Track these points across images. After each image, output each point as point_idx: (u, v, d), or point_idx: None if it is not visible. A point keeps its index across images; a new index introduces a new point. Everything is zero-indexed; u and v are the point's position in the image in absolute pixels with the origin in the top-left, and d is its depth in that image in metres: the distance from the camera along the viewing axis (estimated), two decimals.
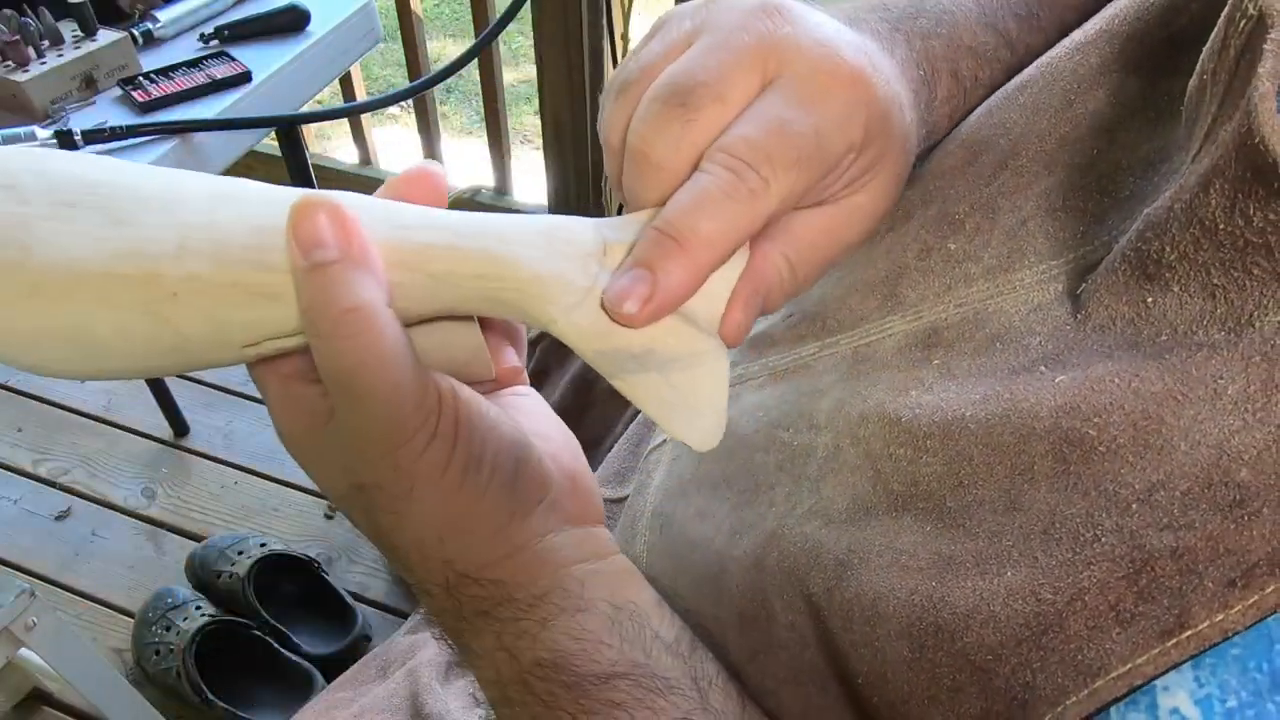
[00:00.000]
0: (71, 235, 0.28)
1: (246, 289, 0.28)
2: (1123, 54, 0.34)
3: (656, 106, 0.29)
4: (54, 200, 0.28)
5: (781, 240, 0.31)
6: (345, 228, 0.27)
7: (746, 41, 0.29)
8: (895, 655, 0.29)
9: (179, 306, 0.28)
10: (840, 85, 0.29)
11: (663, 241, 0.28)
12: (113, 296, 0.28)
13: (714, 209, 0.28)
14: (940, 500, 0.30)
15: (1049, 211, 0.33)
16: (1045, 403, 0.28)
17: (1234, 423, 0.24)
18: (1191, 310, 0.27)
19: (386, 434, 0.29)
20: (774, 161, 0.28)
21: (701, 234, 0.28)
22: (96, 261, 0.28)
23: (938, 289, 0.35)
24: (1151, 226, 0.27)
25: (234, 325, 0.29)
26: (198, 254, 0.28)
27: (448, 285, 0.29)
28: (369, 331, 0.27)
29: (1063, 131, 0.34)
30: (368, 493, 0.30)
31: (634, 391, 0.30)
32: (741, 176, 0.28)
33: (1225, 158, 0.24)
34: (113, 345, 0.28)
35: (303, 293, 0.28)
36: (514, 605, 0.32)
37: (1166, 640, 0.23)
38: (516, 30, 2.65)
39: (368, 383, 0.27)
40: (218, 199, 0.29)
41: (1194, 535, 0.24)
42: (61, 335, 0.28)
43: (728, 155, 0.28)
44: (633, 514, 0.51)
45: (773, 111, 0.29)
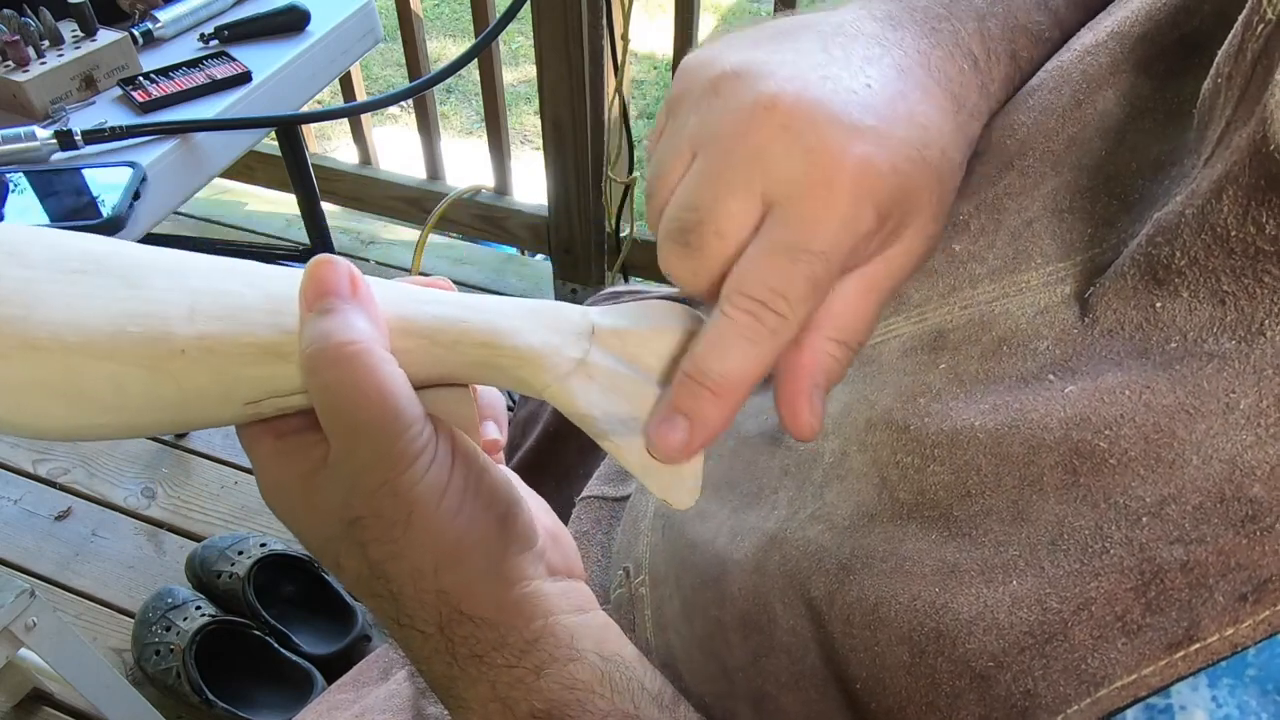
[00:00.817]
0: (78, 296, 0.29)
1: (259, 347, 0.30)
2: (1133, 54, 0.33)
3: (668, 244, 0.31)
4: (61, 268, 0.30)
5: (825, 326, 0.31)
6: (352, 279, 0.30)
7: (738, 164, 0.29)
8: (895, 660, 0.29)
9: (185, 362, 0.30)
10: (840, 190, 0.29)
11: (696, 390, 0.30)
12: (116, 351, 0.29)
13: (738, 353, 0.29)
14: (947, 509, 0.30)
15: (1056, 213, 0.33)
16: (1055, 414, 0.28)
17: (1247, 438, 0.24)
18: (1201, 317, 0.26)
19: (385, 462, 0.29)
20: (789, 295, 0.29)
21: (730, 378, 0.30)
22: (104, 318, 0.29)
23: (942, 290, 0.35)
24: (1162, 231, 0.27)
25: (241, 381, 0.31)
26: (210, 316, 0.30)
27: (454, 353, 0.32)
28: (365, 363, 0.28)
29: (1070, 132, 0.34)
30: (363, 524, 0.30)
31: (619, 452, 0.32)
32: (760, 317, 0.29)
33: (1239, 164, 0.24)
34: (105, 399, 0.30)
35: (306, 338, 0.29)
36: (507, 650, 0.32)
37: (1174, 652, 0.23)
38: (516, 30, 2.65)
39: (365, 414, 0.29)
40: (223, 272, 0.32)
41: (1205, 549, 0.24)
42: (51, 388, 0.29)
43: (745, 296, 0.29)
44: (635, 514, 0.51)
45: (780, 242, 0.29)
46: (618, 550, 0.52)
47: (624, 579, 0.49)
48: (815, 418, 0.31)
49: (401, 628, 0.33)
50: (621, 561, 0.50)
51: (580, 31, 1.30)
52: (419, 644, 0.33)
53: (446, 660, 0.32)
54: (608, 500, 0.60)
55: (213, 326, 0.30)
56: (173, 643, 1.14)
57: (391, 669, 0.63)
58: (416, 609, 0.32)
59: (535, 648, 0.32)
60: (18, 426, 0.30)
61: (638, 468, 0.32)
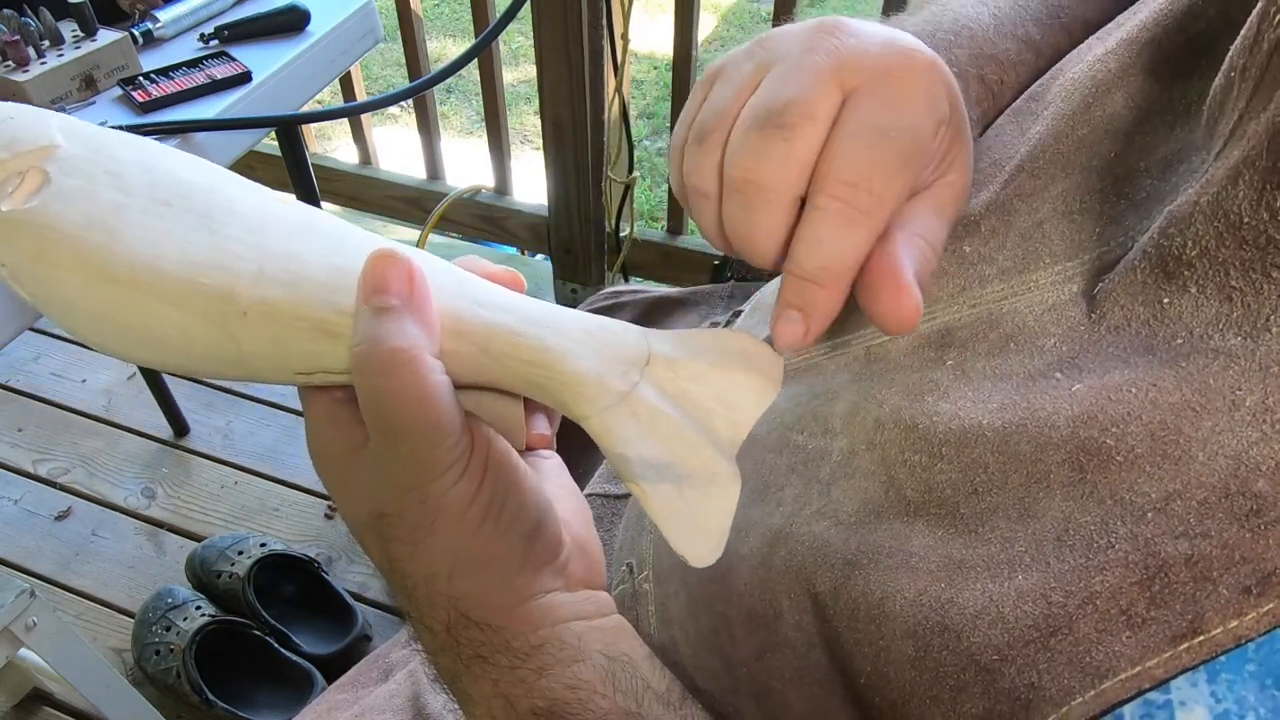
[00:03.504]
0: (160, 233, 0.30)
1: (313, 324, 0.30)
2: (1140, 58, 0.34)
3: (753, 135, 0.30)
4: (152, 196, 0.30)
5: (909, 224, 0.32)
6: (411, 281, 0.30)
7: (819, 61, 0.30)
8: (899, 654, 0.29)
9: (246, 325, 0.30)
10: (918, 76, 0.30)
11: (802, 286, 0.30)
12: (185, 301, 0.29)
13: (837, 241, 0.29)
14: (954, 506, 0.30)
15: (1065, 213, 0.33)
16: (1062, 412, 0.28)
17: (1252, 434, 0.24)
18: (1208, 313, 0.27)
19: (418, 468, 0.30)
20: (882, 174, 0.29)
21: (833, 269, 0.30)
22: (178, 264, 0.29)
23: (951, 290, 0.35)
24: (1175, 222, 0.27)
25: (294, 354, 0.31)
26: (274, 281, 0.30)
27: (500, 364, 0.31)
28: (412, 373, 0.28)
29: (1080, 134, 0.34)
30: (388, 521, 0.31)
31: (646, 498, 0.31)
32: (853, 203, 0.29)
33: (1256, 149, 0.25)
34: (172, 342, 0.30)
35: (357, 334, 0.29)
36: (511, 653, 0.32)
37: (1178, 644, 0.23)
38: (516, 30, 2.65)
39: (406, 422, 0.29)
40: (301, 230, 0.31)
41: (1209, 543, 0.24)
42: (126, 322, 0.29)
43: (838, 182, 0.29)
44: (637, 510, 0.51)
45: (866, 122, 0.29)
46: (620, 547, 0.52)
47: (627, 575, 0.49)
48: (917, 303, 0.30)
49: (413, 620, 0.33)
50: (624, 558, 0.50)
51: (580, 31, 1.30)
52: (428, 639, 0.33)
53: (452, 657, 0.33)
54: (610, 498, 0.60)
55: (274, 293, 0.30)
56: (173, 643, 1.13)
57: (391, 669, 0.63)
58: (427, 608, 0.32)
59: (539, 652, 0.32)
60: (98, 347, 0.31)
61: (661, 518, 0.31)
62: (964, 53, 0.39)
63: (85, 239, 0.29)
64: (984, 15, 0.40)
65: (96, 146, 0.30)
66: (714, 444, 0.32)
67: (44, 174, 0.29)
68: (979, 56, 0.39)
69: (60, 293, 0.29)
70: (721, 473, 0.32)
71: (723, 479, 0.32)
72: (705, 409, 0.32)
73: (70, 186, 0.29)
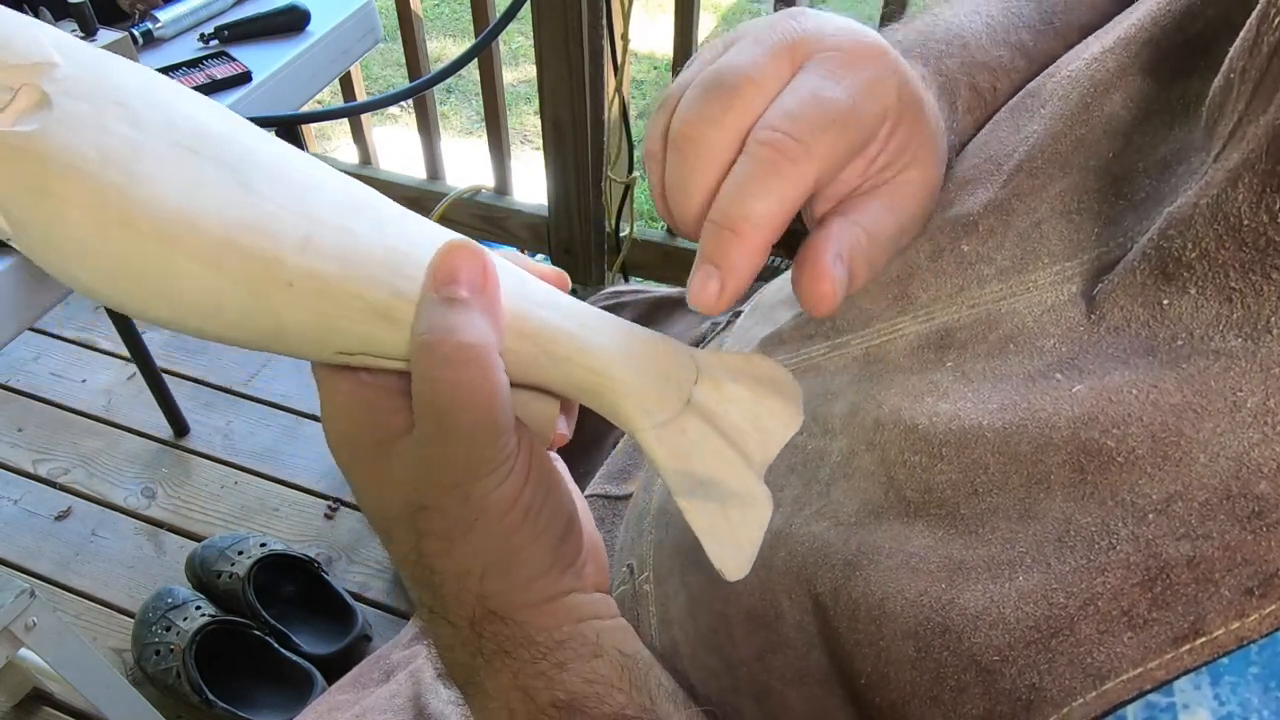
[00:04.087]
0: (187, 182, 0.26)
1: (369, 304, 0.28)
2: (1139, 58, 0.34)
3: (697, 93, 0.31)
4: (171, 140, 0.27)
5: (851, 214, 0.32)
6: (485, 275, 0.29)
7: (774, 36, 0.31)
8: (899, 655, 0.29)
9: (290, 296, 0.28)
10: (866, 57, 0.31)
11: (719, 234, 0.29)
12: (220, 261, 0.27)
13: (759, 188, 0.29)
14: (954, 507, 0.30)
15: (1064, 213, 0.33)
16: (1063, 413, 0.28)
17: (1253, 435, 0.24)
18: (1208, 314, 0.27)
19: (468, 465, 0.29)
20: (810, 126, 0.29)
21: (752, 217, 0.29)
22: (214, 220, 0.26)
23: (950, 290, 0.35)
24: (1175, 223, 0.27)
25: (340, 333, 0.29)
26: (324, 253, 0.28)
27: (559, 367, 0.31)
28: (480, 369, 0.28)
29: (1078, 134, 0.34)
30: (425, 515, 0.31)
31: (693, 513, 0.32)
32: (780, 148, 0.29)
33: (1256, 151, 0.24)
34: (199, 305, 0.27)
35: (424, 321, 0.28)
36: (534, 647, 0.32)
37: (1180, 645, 0.23)
38: (516, 30, 2.65)
39: (465, 417, 0.28)
40: (352, 204, 0.29)
41: (1211, 545, 0.24)
42: (145, 277, 0.26)
43: (766, 129, 0.29)
44: (637, 511, 0.51)
45: (805, 85, 0.30)
46: (621, 548, 0.52)
47: (627, 576, 0.49)
48: (835, 286, 0.30)
49: (433, 614, 0.33)
50: (624, 559, 0.50)
51: (580, 31, 1.30)
52: (447, 633, 0.33)
53: (471, 651, 0.33)
54: (610, 499, 0.60)
55: (326, 266, 0.28)
56: (173, 643, 1.13)
57: (393, 670, 0.63)
58: (453, 604, 0.32)
59: (561, 647, 0.32)
60: (103, 299, 0.27)
61: (704, 533, 0.31)
62: (955, 62, 0.39)
63: (99, 176, 0.25)
64: (976, 23, 0.41)
65: (100, 71, 0.27)
66: (753, 467, 0.33)
67: (41, 93, 0.26)
68: (971, 64, 0.39)
69: (64, 233, 0.26)
70: (758, 494, 0.33)
71: (759, 500, 0.33)
72: (741, 431, 0.33)
73: (76, 113, 0.26)
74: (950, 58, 0.39)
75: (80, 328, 1.63)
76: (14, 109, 0.26)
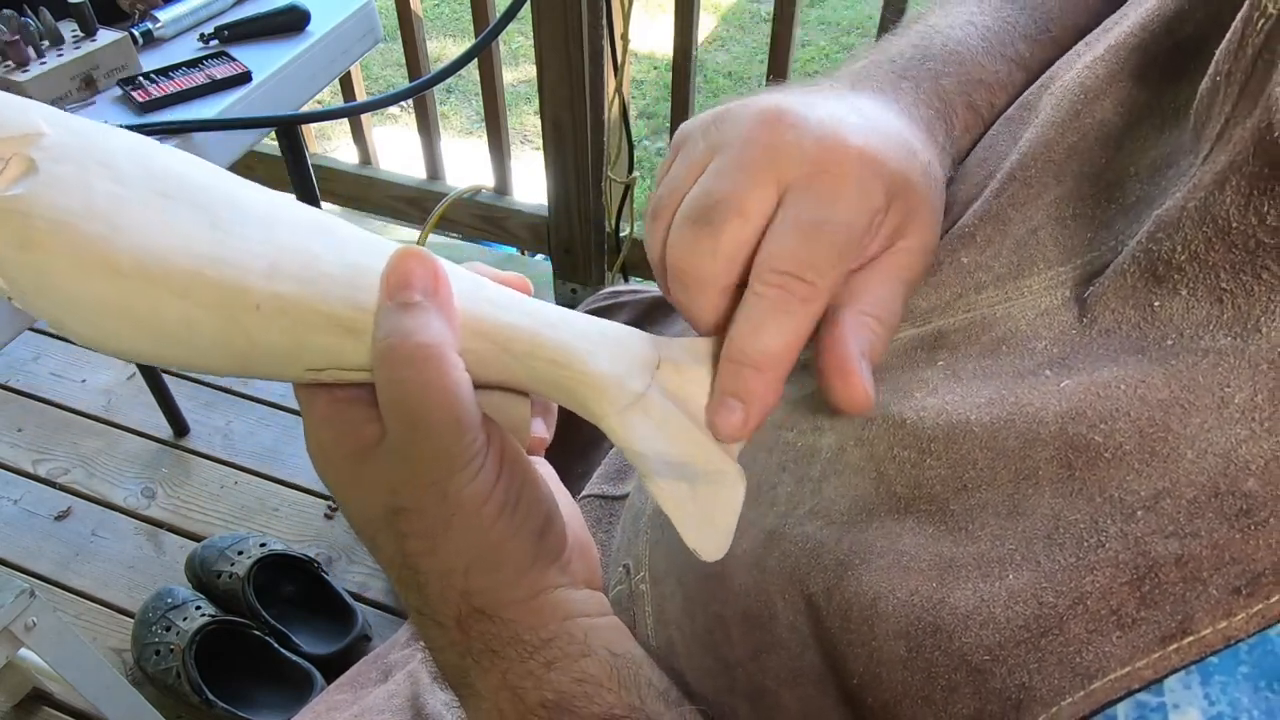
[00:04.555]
0: (163, 225, 0.29)
1: (330, 318, 0.30)
2: (1128, 64, 0.34)
3: (685, 227, 0.32)
4: (151, 188, 0.29)
5: (854, 302, 0.33)
6: (436, 278, 0.30)
7: (755, 156, 0.32)
8: (891, 655, 0.29)
9: (258, 318, 0.29)
10: (849, 170, 0.32)
11: (740, 371, 0.32)
12: (191, 291, 0.29)
13: (774, 327, 0.31)
14: (943, 503, 0.30)
15: (1058, 220, 0.33)
16: (1050, 408, 0.28)
17: (1241, 432, 0.24)
18: (1198, 315, 0.27)
19: (439, 462, 0.30)
20: (818, 265, 0.31)
21: (770, 354, 0.31)
22: (186, 257, 0.29)
23: (948, 298, 0.35)
24: (1163, 226, 0.27)
25: (309, 349, 0.30)
26: (288, 276, 0.30)
27: (521, 363, 0.32)
28: (438, 367, 0.29)
29: (1070, 141, 0.34)
30: (405, 517, 0.31)
31: (662, 495, 0.33)
32: (790, 289, 0.31)
33: (1243, 154, 0.24)
34: (177, 335, 0.29)
35: (382, 327, 0.30)
36: (521, 646, 0.33)
37: (1167, 645, 0.23)
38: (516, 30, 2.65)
39: (429, 414, 0.29)
40: (310, 228, 0.31)
41: (1199, 543, 0.24)
42: (130, 316, 0.29)
43: (773, 272, 0.31)
44: (634, 512, 0.51)
45: (802, 216, 0.31)
46: (617, 548, 0.52)
47: (624, 576, 0.49)
48: (868, 385, 0.32)
49: (421, 616, 0.33)
50: (621, 559, 0.50)
51: (580, 31, 1.30)
52: (436, 634, 0.33)
53: (460, 652, 0.33)
54: (607, 499, 0.61)
55: (288, 287, 0.29)
56: (173, 643, 1.14)
57: (391, 670, 0.63)
58: (439, 604, 0.32)
59: (549, 646, 0.33)
60: (92, 342, 0.29)
61: (675, 514, 0.32)
62: (952, 81, 0.39)
63: (81, 229, 0.28)
64: (973, 36, 0.41)
65: (85, 136, 0.30)
66: (722, 446, 0.34)
67: (29, 161, 0.28)
68: (968, 83, 0.40)
69: (52, 283, 0.28)
70: (728, 471, 0.33)
71: (730, 477, 0.33)
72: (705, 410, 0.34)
73: (61, 174, 0.28)
74: (947, 77, 0.39)
75: None
76: (4, 178, 0.28)
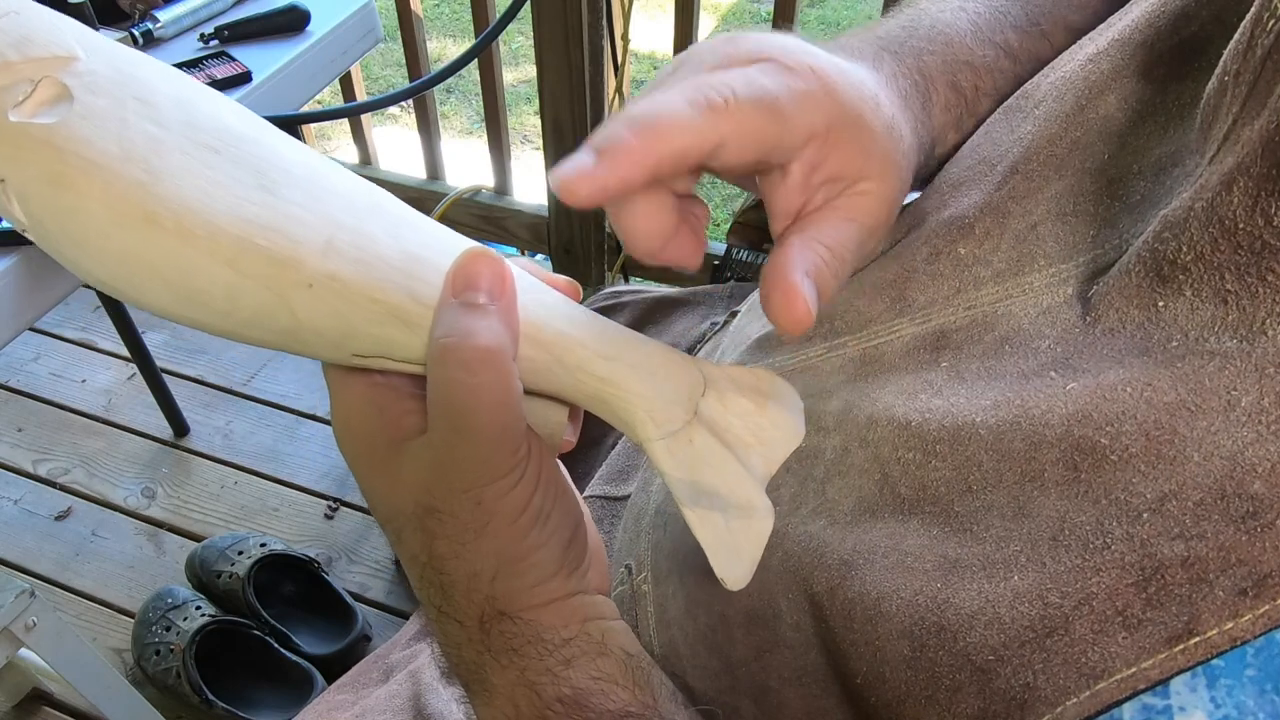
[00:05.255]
0: (209, 181, 0.27)
1: (386, 308, 0.29)
2: (1134, 60, 0.34)
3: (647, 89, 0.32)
4: (195, 139, 0.27)
5: (809, 232, 0.32)
6: (503, 282, 0.30)
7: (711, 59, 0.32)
8: (895, 654, 0.29)
9: (310, 297, 0.28)
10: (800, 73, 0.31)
11: (616, 129, 0.28)
12: (239, 260, 0.27)
13: (671, 108, 0.28)
14: (948, 505, 0.30)
15: (1059, 216, 0.33)
16: (1056, 410, 0.28)
17: (1248, 435, 0.24)
18: (1203, 316, 0.27)
19: (480, 469, 0.30)
20: (738, 93, 0.29)
21: (652, 124, 0.28)
22: (233, 219, 0.27)
23: (946, 292, 0.35)
24: (1170, 226, 0.27)
25: (358, 335, 0.29)
26: (344, 256, 0.28)
27: (572, 376, 0.31)
28: (494, 373, 0.28)
29: (1073, 136, 0.34)
30: (436, 518, 0.31)
31: (697, 522, 0.32)
32: (704, 91, 0.29)
33: (1250, 155, 0.24)
34: (215, 303, 0.27)
35: (443, 325, 0.29)
36: (542, 645, 0.33)
37: (1174, 645, 0.23)
38: (516, 30, 2.65)
39: (479, 420, 0.29)
40: (370, 207, 0.30)
41: (1205, 545, 0.24)
42: (162, 273, 0.26)
43: (701, 78, 0.30)
44: (636, 512, 0.51)
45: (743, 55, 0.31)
46: (619, 549, 0.52)
47: (626, 577, 0.49)
48: (807, 304, 0.30)
49: (441, 615, 0.33)
50: (623, 560, 0.50)
51: (580, 31, 1.30)
52: (455, 632, 0.33)
53: (479, 649, 0.33)
54: (609, 500, 0.61)
55: (345, 269, 0.28)
56: (173, 643, 1.13)
57: (392, 670, 0.63)
58: (463, 604, 0.32)
59: (568, 645, 0.33)
60: (116, 292, 0.27)
61: (707, 542, 0.32)
62: (936, 59, 0.39)
63: (120, 173, 0.25)
64: (962, 20, 0.41)
65: (122, 67, 0.27)
66: (755, 481, 0.34)
67: (61, 87, 0.26)
68: (953, 63, 0.39)
69: (82, 226, 0.26)
70: (759, 506, 0.33)
71: (760, 512, 0.33)
72: (745, 443, 0.34)
73: (97, 108, 0.26)
74: (932, 54, 0.39)
75: (80, 328, 1.63)
76: (34, 101, 0.26)
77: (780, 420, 0.35)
